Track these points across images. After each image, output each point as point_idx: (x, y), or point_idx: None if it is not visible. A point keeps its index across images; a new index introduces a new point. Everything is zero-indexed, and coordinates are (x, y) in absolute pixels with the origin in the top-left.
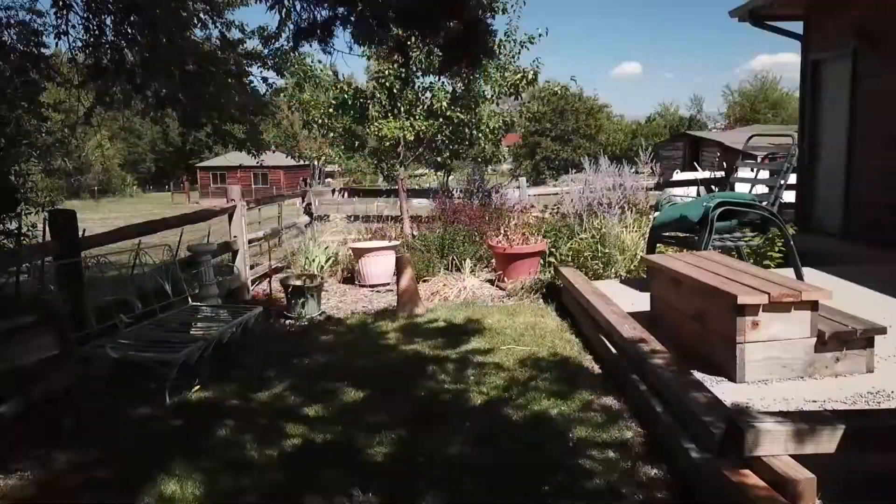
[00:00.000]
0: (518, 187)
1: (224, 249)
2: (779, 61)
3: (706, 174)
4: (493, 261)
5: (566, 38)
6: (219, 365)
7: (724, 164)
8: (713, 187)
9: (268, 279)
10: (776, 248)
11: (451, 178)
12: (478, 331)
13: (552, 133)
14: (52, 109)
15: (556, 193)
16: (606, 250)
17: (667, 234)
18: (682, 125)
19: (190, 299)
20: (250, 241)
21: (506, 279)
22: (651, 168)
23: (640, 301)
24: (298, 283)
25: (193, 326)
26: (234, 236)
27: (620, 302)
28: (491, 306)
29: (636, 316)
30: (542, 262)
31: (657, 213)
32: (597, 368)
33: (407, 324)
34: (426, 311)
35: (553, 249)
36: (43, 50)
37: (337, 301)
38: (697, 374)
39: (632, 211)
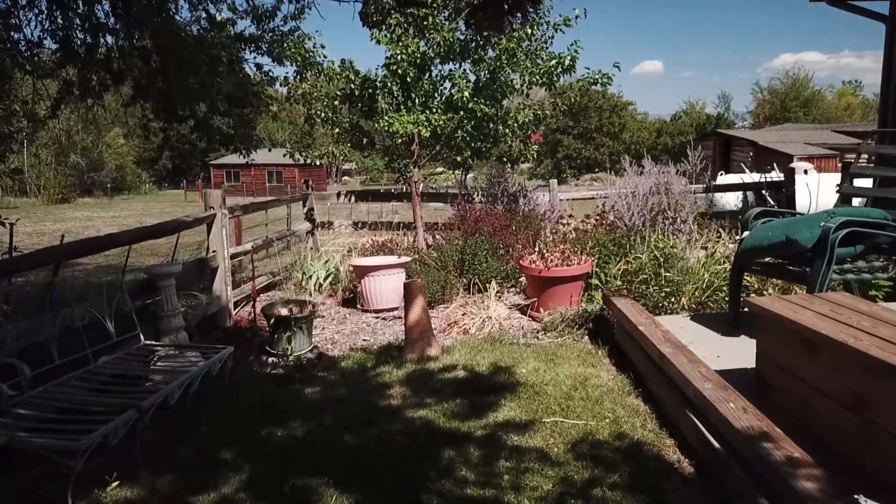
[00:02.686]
0: (549, 190)
1: (199, 268)
2: (802, 59)
3: (756, 177)
4: (523, 281)
5: (588, 32)
6: (161, 436)
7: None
8: (763, 192)
9: (252, 302)
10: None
11: (469, 176)
12: (509, 387)
13: (574, 131)
14: (18, 101)
15: (593, 198)
16: (672, 276)
17: (760, 260)
18: (709, 123)
19: (143, 336)
20: (234, 256)
21: (541, 308)
22: (696, 169)
23: (725, 349)
24: (284, 311)
25: (136, 379)
26: (213, 251)
27: (701, 350)
28: (523, 346)
29: (732, 378)
30: (584, 286)
31: (745, 234)
32: (687, 465)
33: (417, 371)
34: (441, 351)
35: (598, 270)
36: (13, 34)
37: (333, 331)
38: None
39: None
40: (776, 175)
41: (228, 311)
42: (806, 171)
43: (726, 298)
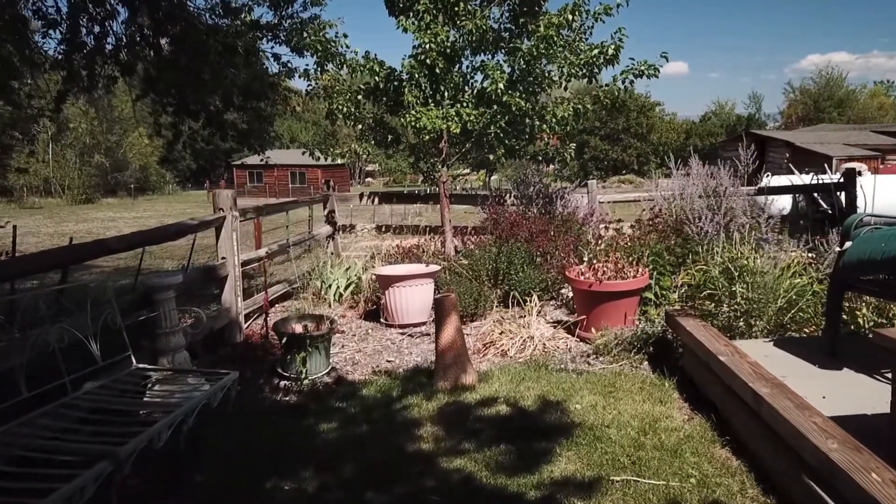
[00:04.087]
0: (587, 192)
1: (206, 277)
2: (830, 60)
3: (806, 179)
4: (565, 293)
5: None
6: (144, 488)
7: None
8: (816, 195)
9: (264, 315)
10: None
11: (493, 178)
12: (563, 429)
13: (601, 132)
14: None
15: (637, 200)
16: (752, 294)
17: (869, 278)
18: (740, 124)
19: (135, 359)
20: (246, 263)
21: (592, 328)
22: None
23: (830, 387)
24: (299, 328)
25: (118, 414)
26: (223, 258)
27: (799, 387)
28: (573, 373)
29: (855, 430)
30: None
31: (847, 245)
32: None
33: (450, 404)
34: (477, 378)
35: (652, 283)
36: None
37: (354, 349)
38: None
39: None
40: (828, 177)
41: (239, 324)
42: (860, 173)
43: (811, 318)
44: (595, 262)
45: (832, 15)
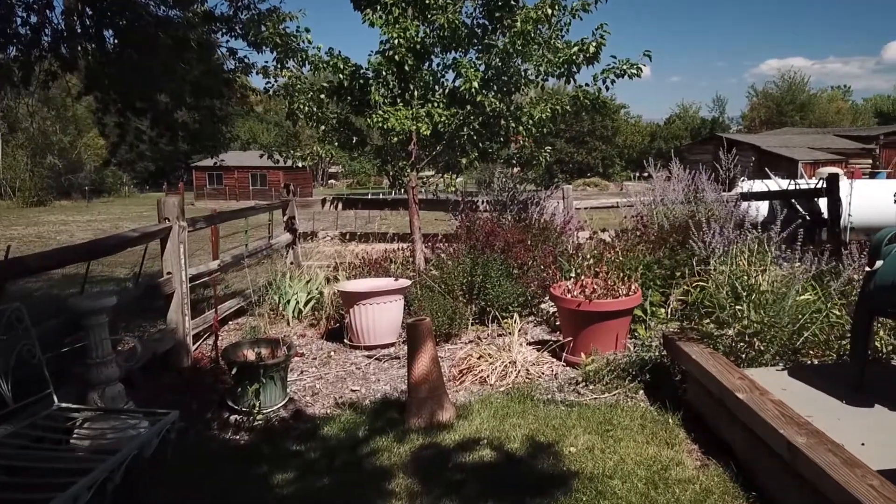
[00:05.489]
0: (563, 197)
1: (149, 295)
2: (788, 65)
3: (784, 184)
4: (545, 308)
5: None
6: None
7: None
8: (794, 202)
9: (214, 338)
10: None
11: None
12: (559, 480)
13: (566, 134)
14: None
15: (615, 206)
16: (760, 316)
17: None
18: (704, 127)
19: (56, 397)
20: (193, 279)
21: (581, 352)
22: (730, 175)
23: (866, 429)
24: (252, 355)
25: (28, 473)
26: (169, 273)
27: (828, 426)
28: (562, 405)
29: None
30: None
31: (879, 264)
32: None
33: (426, 448)
34: (456, 413)
35: (645, 299)
36: None
37: (314, 376)
38: None
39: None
40: (804, 182)
41: (186, 347)
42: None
43: (827, 341)
44: (584, 277)
45: (790, 21)
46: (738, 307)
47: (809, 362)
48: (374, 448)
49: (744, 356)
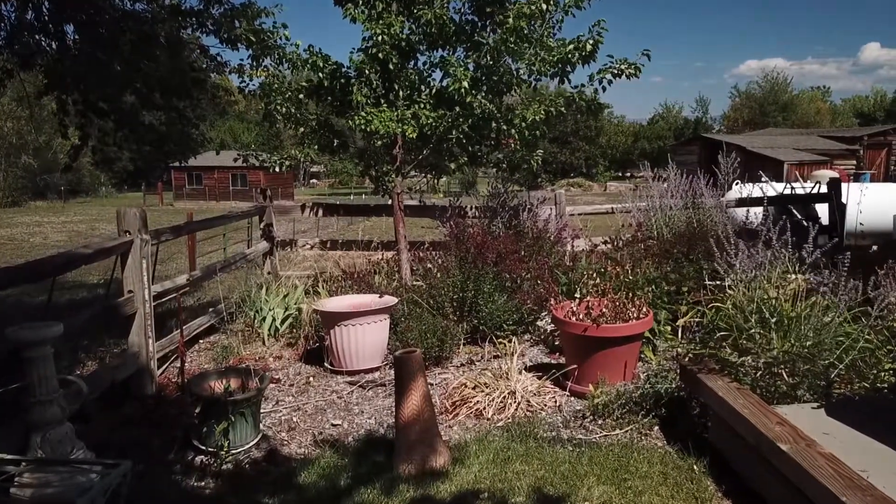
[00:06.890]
0: (555, 203)
1: (104, 318)
2: (767, 65)
3: (779, 188)
4: (542, 325)
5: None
6: None
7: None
8: (790, 207)
9: (181, 362)
10: None
11: (441, 181)
12: None
13: (550, 134)
14: None
15: (610, 211)
16: (796, 346)
17: None
18: (688, 128)
19: None
20: (159, 296)
21: (588, 383)
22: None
23: None
24: (219, 386)
25: None
26: (129, 292)
27: (888, 484)
28: (570, 445)
29: None
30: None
31: None
32: None
33: (418, 503)
34: (450, 457)
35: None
36: None
37: (291, 406)
38: None
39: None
40: (800, 186)
41: (150, 372)
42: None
43: (858, 370)
44: (590, 297)
45: (769, 22)
46: (766, 334)
47: (844, 393)
48: (359, 501)
49: (773, 390)
